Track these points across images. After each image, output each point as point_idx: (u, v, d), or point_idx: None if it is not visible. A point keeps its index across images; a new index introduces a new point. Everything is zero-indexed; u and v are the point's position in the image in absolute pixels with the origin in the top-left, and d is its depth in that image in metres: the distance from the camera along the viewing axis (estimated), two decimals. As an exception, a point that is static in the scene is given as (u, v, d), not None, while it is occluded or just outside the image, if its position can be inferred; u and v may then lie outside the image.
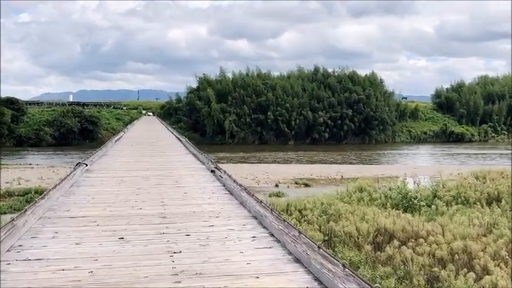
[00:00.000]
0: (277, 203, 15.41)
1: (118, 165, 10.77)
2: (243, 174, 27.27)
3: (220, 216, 5.29)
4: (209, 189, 7.27)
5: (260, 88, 60.93)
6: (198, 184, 7.86)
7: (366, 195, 16.33)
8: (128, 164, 10.90)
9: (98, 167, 10.22)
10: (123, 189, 7.25)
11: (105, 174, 9.05)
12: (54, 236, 4.29)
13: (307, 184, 24.76)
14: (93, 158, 11.09)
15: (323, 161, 39.09)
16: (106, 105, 69.83)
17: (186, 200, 6.35)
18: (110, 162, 11.41)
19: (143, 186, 7.48)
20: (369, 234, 11.86)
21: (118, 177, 8.63)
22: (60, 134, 51.84)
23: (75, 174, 8.11)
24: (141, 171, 9.60)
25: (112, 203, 6.01)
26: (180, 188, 7.42)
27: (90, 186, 7.40)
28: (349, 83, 64.34)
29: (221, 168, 8.89)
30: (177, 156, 13.40)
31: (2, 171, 27.60)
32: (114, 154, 13.68)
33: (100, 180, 8.10)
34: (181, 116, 61.08)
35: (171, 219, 5.07)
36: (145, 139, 21.71)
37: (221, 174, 8.17)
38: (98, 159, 11.77)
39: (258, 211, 4.94)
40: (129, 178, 8.47)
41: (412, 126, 68.76)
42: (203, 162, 10.88)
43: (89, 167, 9.62)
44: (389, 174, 29.30)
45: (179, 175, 9.00)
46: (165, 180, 8.30)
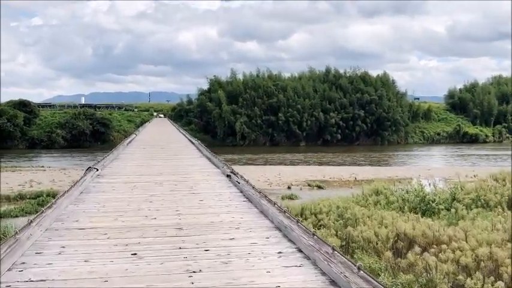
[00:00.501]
0: (291, 206, 15.05)
1: (130, 169, 10.47)
2: (255, 176, 26.93)
3: (240, 227, 4.88)
4: (226, 196, 6.91)
5: (271, 89, 60.56)
6: (214, 190, 7.50)
7: (383, 198, 15.90)
8: (140, 168, 10.59)
9: (109, 171, 9.94)
10: (136, 196, 6.91)
11: (116, 179, 8.74)
12: (60, 251, 3.92)
13: (320, 186, 24.36)
14: (104, 162, 10.82)
15: (335, 163, 38.61)
16: (117, 108, 69.95)
17: (203, 208, 6.00)
18: (122, 166, 11.10)
19: (156, 193, 7.15)
20: (389, 239, 11.42)
21: (130, 182, 8.30)
22: (72, 136, 51.97)
23: (85, 180, 7.80)
24: (154, 176, 9.28)
25: (124, 212, 5.63)
26: (196, 194, 7.06)
27: (101, 193, 7.09)
28: (361, 84, 63.72)
29: (237, 172, 8.49)
30: (191, 159, 13.07)
31: (15, 173, 27.59)
32: (126, 158, 13.37)
33: (111, 186, 7.77)
34: (192, 117, 60.94)
35: (188, 231, 4.68)
36: (158, 141, 21.39)
37: (238, 179, 7.78)
38: (109, 163, 11.47)
39: (282, 222, 4.54)
40: (142, 184, 8.14)
41: (425, 127, 67.91)
42: (218, 166, 10.57)
43: (99, 171, 9.35)
44: (403, 176, 28.83)
45: (194, 180, 8.67)
46: (180, 185, 7.96)
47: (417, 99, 77.88)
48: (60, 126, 52.54)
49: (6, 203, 19.05)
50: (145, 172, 9.88)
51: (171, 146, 18.66)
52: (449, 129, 67.24)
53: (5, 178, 25.12)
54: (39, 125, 53.45)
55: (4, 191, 20.83)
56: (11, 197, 19.91)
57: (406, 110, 65.58)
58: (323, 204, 14.49)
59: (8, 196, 19.94)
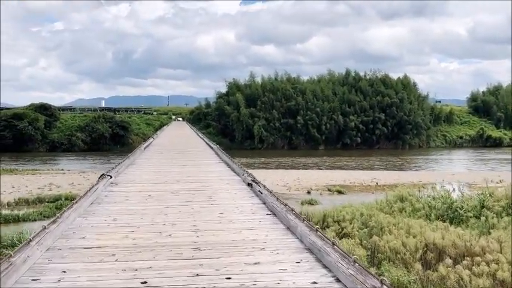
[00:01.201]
0: (312, 212, 14.47)
1: (145, 176, 10.00)
2: (273, 180, 26.41)
3: (266, 247, 4.30)
4: (248, 208, 6.33)
5: (289, 92, 59.98)
6: (235, 201, 6.93)
7: (408, 205, 15.21)
8: (157, 175, 10.11)
9: (124, 178, 9.48)
10: (150, 207, 6.41)
11: (130, 187, 8.25)
12: (60, 278, 3.42)
13: (341, 191, 23.73)
14: (118, 169, 10.33)
15: (356, 167, 37.84)
16: (137, 111, 70.31)
17: (223, 223, 5.44)
18: (137, 172, 10.65)
19: (172, 204, 6.63)
20: (417, 250, 10.79)
21: (145, 191, 7.79)
22: (91, 139, 52.25)
23: (97, 189, 7.31)
24: (170, 184, 8.79)
25: (136, 227, 5.13)
26: (215, 206, 6.51)
27: (113, 204, 6.60)
28: (381, 87, 62.64)
29: (259, 181, 7.91)
30: (209, 165, 12.56)
31: (34, 176, 27.65)
32: (142, 163, 12.92)
33: (124, 196, 7.28)
34: (211, 121, 60.75)
35: (207, 252, 4.13)
36: (175, 146, 20.98)
37: (260, 188, 7.18)
38: (124, 169, 11.00)
39: (314, 243, 3.95)
40: (157, 193, 7.63)
41: (447, 131, 66.48)
42: (238, 173, 9.99)
43: (113, 179, 8.89)
44: (426, 181, 28.05)
45: (212, 189, 8.13)
46: (197, 195, 7.43)
47: (439, 102, 76.30)
48: (80, 130, 52.89)
49: (25, 206, 19.06)
50: (161, 180, 9.38)
51: (189, 150, 18.19)
52: (472, 132, 65.76)
53: (25, 181, 25.20)
54: (60, 128, 53.90)
55: (23, 195, 20.82)
56: (29, 200, 19.89)
57: (427, 113, 64.27)
58: (346, 211, 13.89)
59: (27, 199, 19.93)
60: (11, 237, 10.72)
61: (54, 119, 54.33)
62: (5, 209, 18.17)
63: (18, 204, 19.29)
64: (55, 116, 54.85)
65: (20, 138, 49.11)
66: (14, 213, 17.14)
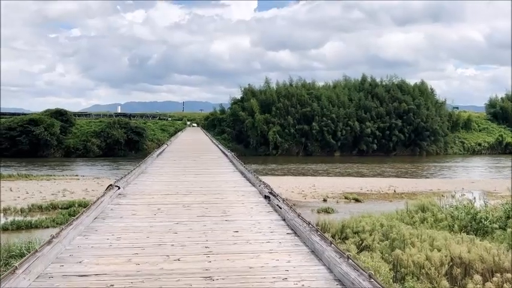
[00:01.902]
0: (330, 222, 13.91)
1: (156, 187, 9.52)
2: (289, 188, 25.90)
3: (288, 277, 3.71)
4: (266, 226, 5.78)
5: (305, 98, 59.44)
6: (251, 217, 6.40)
7: (430, 215, 14.57)
8: (168, 186, 9.63)
9: (133, 189, 9.02)
10: (158, 223, 5.91)
11: (139, 200, 7.76)
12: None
13: (358, 199, 23.16)
14: (128, 178, 9.84)
15: (372, 174, 37.13)
16: (152, 117, 70.47)
17: (238, 244, 4.90)
18: (148, 182, 10.17)
19: (183, 220, 6.13)
20: (443, 265, 10.19)
21: (154, 204, 7.30)
22: (106, 144, 52.35)
23: (103, 201, 6.83)
24: (182, 196, 8.32)
25: (141, 249, 4.64)
26: (229, 222, 5.99)
27: (118, 220, 6.11)
28: (398, 93, 61.72)
29: (277, 194, 7.30)
30: (223, 174, 12.05)
31: (49, 182, 27.59)
32: (153, 172, 12.46)
33: (132, 210, 6.79)
34: (225, 127, 60.51)
35: (220, 283, 3.58)
36: (189, 153, 20.56)
37: (278, 202, 6.61)
38: (134, 178, 10.51)
39: (347, 275, 3.34)
40: (167, 206, 7.15)
41: (466, 138, 65.23)
42: (254, 184, 9.44)
43: (121, 190, 8.39)
44: (445, 189, 27.32)
45: (227, 202, 7.62)
46: (210, 209, 6.92)
47: (456, 108, 75.00)
48: (95, 135, 53.05)
49: (39, 212, 18.95)
50: (172, 191, 8.91)
51: (203, 157, 17.75)
52: (491, 139, 64.42)
53: (40, 187, 25.15)
54: (75, 134, 54.16)
55: (37, 200, 20.71)
56: (43, 206, 19.80)
57: (445, 120, 63.12)
58: (365, 221, 13.32)
59: (40, 206, 19.84)
60: (19, 247, 10.40)
61: (69, 124, 54.62)
62: (18, 216, 18.06)
63: (32, 210, 19.17)
64: (70, 122, 55.15)
65: (36, 143, 49.43)
66: (26, 219, 17.01)
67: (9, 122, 51.15)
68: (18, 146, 48.64)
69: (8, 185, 24.93)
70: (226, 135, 58.63)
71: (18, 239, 11.88)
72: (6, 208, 18.94)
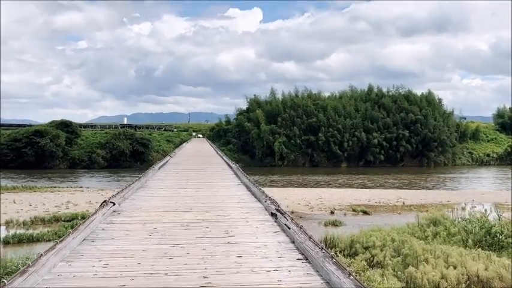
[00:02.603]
0: (338, 236, 13.49)
1: (155, 202, 8.98)
2: (295, 199, 25.49)
3: None
4: (273, 250, 5.20)
5: (311, 109, 59.16)
6: (257, 238, 5.84)
7: (442, 229, 14.09)
8: (167, 201, 9.12)
9: (129, 205, 8.46)
10: (153, 246, 5.38)
11: (134, 217, 7.24)
12: None
13: (366, 211, 22.68)
14: (125, 193, 9.29)
15: (380, 185, 36.60)
16: (157, 128, 70.50)
17: (242, 272, 4.34)
18: (146, 197, 9.65)
19: (180, 242, 5.58)
20: (459, 283, 9.76)
21: (150, 223, 6.82)
22: (112, 156, 52.20)
23: (95, 220, 6.30)
24: (181, 213, 7.80)
25: (130, 279, 4.10)
26: (232, 245, 5.45)
27: (109, 241, 5.59)
28: (405, 103, 61.28)
29: (285, 211, 6.70)
30: (227, 188, 11.50)
31: (53, 194, 27.35)
32: (154, 186, 11.91)
33: (125, 230, 6.26)
34: (231, 137, 60.29)
35: None
36: (192, 165, 20.17)
37: (286, 221, 6.04)
38: (133, 193, 9.96)
39: None
40: (165, 225, 6.65)
41: (474, 148, 64.54)
42: (259, 199, 8.89)
43: (116, 206, 7.84)
44: (454, 200, 26.82)
45: (230, 220, 7.09)
46: (212, 229, 6.39)
47: (464, 118, 74.39)
48: (100, 146, 52.96)
49: (41, 225, 18.68)
50: (172, 207, 8.40)
51: (207, 170, 17.34)
52: (500, 150, 63.63)
53: (43, 199, 24.90)
54: (81, 145, 54.10)
55: (40, 213, 20.44)
56: (45, 219, 19.51)
57: (453, 130, 62.53)
58: (376, 236, 12.90)
59: (43, 218, 19.55)
60: (16, 263, 10.07)
61: (75, 135, 54.61)
62: (21, 228, 17.79)
63: (34, 223, 18.89)
64: (76, 133, 55.15)
65: (41, 155, 49.40)
66: (28, 233, 16.73)
67: (15, 134, 51.22)
68: (24, 158, 48.61)
69: (12, 197, 24.72)
70: (231, 146, 58.38)
71: (16, 254, 11.56)
72: (8, 221, 18.68)
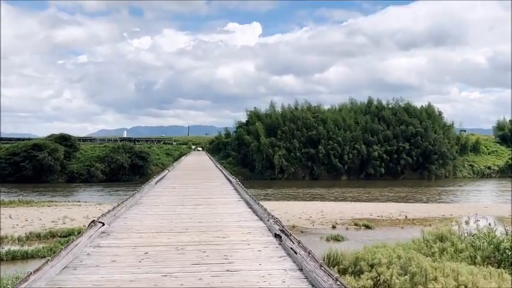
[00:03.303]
0: (342, 253, 13.07)
1: (148, 221, 8.34)
2: (296, 213, 25.10)
3: None
4: (278, 280, 4.59)
5: (310, 121, 58.97)
6: (260, 265, 5.19)
7: (449, 245, 13.67)
8: (162, 220, 8.50)
9: (120, 225, 7.81)
10: (141, 276, 4.72)
11: (124, 240, 6.63)
12: None
13: (368, 226, 22.32)
14: (117, 211, 8.60)
15: (381, 199, 36.21)
16: (157, 141, 70.23)
17: None
18: (139, 216, 8.98)
19: (174, 270, 4.95)
20: (472, 305, 9.35)
21: (141, 246, 6.20)
22: (110, 169, 51.78)
23: (80, 243, 5.68)
24: (176, 234, 7.17)
25: None
26: (232, 274, 4.81)
27: (93, 270, 4.95)
28: (405, 115, 61.17)
29: (290, 232, 6.02)
30: (227, 205, 10.88)
31: (50, 209, 26.91)
32: (148, 202, 11.26)
33: (112, 255, 5.61)
34: (230, 150, 59.96)
35: None
36: (191, 179, 19.77)
37: (293, 245, 5.39)
38: (125, 211, 9.33)
39: None
40: (157, 249, 6.01)
41: (474, 161, 64.29)
42: (261, 218, 8.28)
43: (105, 227, 7.19)
44: (457, 214, 26.48)
45: (230, 243, 6.47)
46: (209, 253, 5.77)
47: (464, 131, 74.26)
48: (99, 160, 52.57)
49: (37, 241, 18.28)
50: (166, 227, 7.77)
51: (206, 184, 16.89)
52: (501, 162, 63.36)
53: (40, 214, 24.50)
54: (79, 159, 53.71)
55: (36, 228, 20.04)
56: (41, 234, 19.13)
57: (453, 143, 62.33)
58: (381, 252, 12.48)
59: (39, 234, 19.17)
60: (5, 283, 9.64)
61: (73, 149, 54.24)
62: (15, 245, 17.37)
63: (29, 239, 18.48)
64: (75, 147, 54.79)
65: (40, 168, 48.98)
66: (23, 249, 16.36)
67: (13, 148, 50.86)
68: (22, 172, 48.19)
69: (8, 212, 24.29)
70: (231, 159, 58.02)
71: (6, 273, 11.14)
72: (3, 237, 18.22)
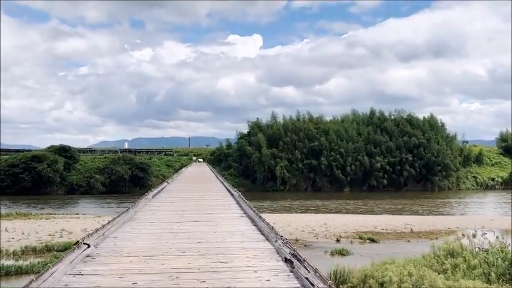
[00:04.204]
0: (350, 270, 12.51)
1: (141, 242, 7.46)
2: (299, 226, 24.48)
3: None
4: None
5: (312, 132, 58.50)
6: None
7: (461, 261, 13.09)
8: (156, 241, 7.63)
9: (108, 247, 6.95)
10: None
11: (111, 265, 5.74)
12: None
13: (373, 239, 21.69)
14: (106, 230, 7.77)
15: (385, 211, 35.58)
16: (157, 152, 69.80)
17: None
18: (131, 235, 8.09)
19: None
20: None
21: (130, 274, 5.33)
22: (110, 181, 51.17)
23: (57, 271, 4.84)
24: (171, 258, 6.29)
25: None
26: None
27: None
28: (408, 127, 60.70)
29: (304, 258, 5.13)
30: (229, 221, 10.04)
31: (48, 221, 26.32)
32: (143, 219, 10.44)
33: (95, 286, 4.84)
34: (232, 162, 59.41)
35: None
36: (191, 192, 19.10)
37: (308, 274, 4.52)
38: (117, 229, 8.47)
39: None
40: (147, 278, 5.13)
41: (478, 172, 63.65)
42: (268, 238, 7.38)
43: (91, 249, 6.33)
44: (464, 226, 25.89)
45: (233, 270, 5.56)
46: (209, 283, 4.96)
47: (466, 142, 73.76)
48: (99, 172, 51.98)
49: (33, 255, 17.64)
50: (160, 249, 6.89)
51: (206, 197, 16.17)
52: (505, 174, 62.69)
53: (37, 227, 23.90)
54: (79, 171, 53.15)
55: (32, 242, 19.42)
56: (37, 249, 18.47)
57: (456, 154, 61.76)
58: (391, 270, 11.92)
59: (35, 248, 18.52)
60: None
61: (73, 161, 53.70)
62: (10, 259, 16.77)
63: (25, 253, 17.86)
64: (74, 158, 54.26)
65: (39, 180, 48.40)
66: (17, 264, 15.74)
67: (12, 159, 50.35)
68: (21, 183, 47.58)
69: (5, 225, 23.69)
70: (232, 170, 57.46)
71: None
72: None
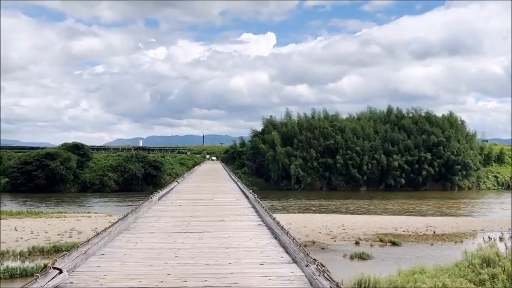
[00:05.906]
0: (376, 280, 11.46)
1: (131, 264, 5.77)
2: (315, 227, 23.46)
3: None
4: None
5: (328, 130, 57.25)
6: None
7: (500, 271, 11.93)
8: (153, 261, 5.96)
9: (88, 272, 5.32)
10: None
11: None
12: None
13: (395, 242, 20.62)
14: (91, 246, 6.14)
15: (404, 211, 34.30)
16: (171, 150, 69.29)
17: None
18: (122, 254, 6.41)
19: None
20: None
21: None
22: (124, 179, 50.71)
23: None
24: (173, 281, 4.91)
25: None
26: None
27: None
28: (426, 125, 59.06)
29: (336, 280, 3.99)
30: (244, 232, 8.33)
31: (58, 220, 25.71)
32: (143, 227, 8.92)
33: None
34: (245, 160, 58.48)
35: None
36: (202, 193, 18.01)
37: None
38: (106, 243, 6.87)
39: None
40: None
41: (499, 172, 61.73)
42: (294, 258, 5.73)
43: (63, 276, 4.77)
44: (489, 229, 24.67)
45: None
46: None
47: (486, 141, 71.75)
48: (112, 170, 51.55)
49: (40, 256, 16.95)
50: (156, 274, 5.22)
51: (218, 200, 14.82)
52: (526, 174, 60.81)
53: (47, 226, 23.27)
54: (92, 168, 52.80)
55: (40, 242, 18.74)
56: (45, 249, 17.76)
57: (477, 153, 59.94)
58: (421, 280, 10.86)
59: (42, 248, 17.81)
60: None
61: (86, 158, 53.37)
62: (16, 260, 16.08)
63: (32, 254, 17.16)
64: (88, 156, 53.93)
65: (52, 178, 48.15)
66: (22, 266, 15.00)
67: (26, 156, 50.15)
68: (35, 181, 47.37)
69: (14, 224, 23.10)
70: (246, 168, 56.55)
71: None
72: (4, 251, 16.92)
